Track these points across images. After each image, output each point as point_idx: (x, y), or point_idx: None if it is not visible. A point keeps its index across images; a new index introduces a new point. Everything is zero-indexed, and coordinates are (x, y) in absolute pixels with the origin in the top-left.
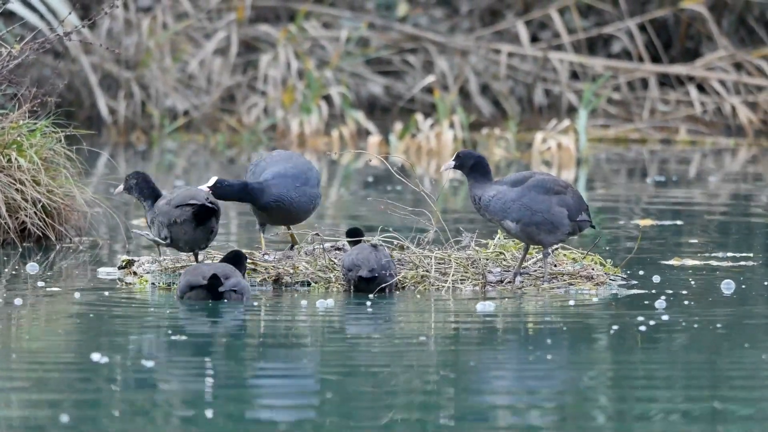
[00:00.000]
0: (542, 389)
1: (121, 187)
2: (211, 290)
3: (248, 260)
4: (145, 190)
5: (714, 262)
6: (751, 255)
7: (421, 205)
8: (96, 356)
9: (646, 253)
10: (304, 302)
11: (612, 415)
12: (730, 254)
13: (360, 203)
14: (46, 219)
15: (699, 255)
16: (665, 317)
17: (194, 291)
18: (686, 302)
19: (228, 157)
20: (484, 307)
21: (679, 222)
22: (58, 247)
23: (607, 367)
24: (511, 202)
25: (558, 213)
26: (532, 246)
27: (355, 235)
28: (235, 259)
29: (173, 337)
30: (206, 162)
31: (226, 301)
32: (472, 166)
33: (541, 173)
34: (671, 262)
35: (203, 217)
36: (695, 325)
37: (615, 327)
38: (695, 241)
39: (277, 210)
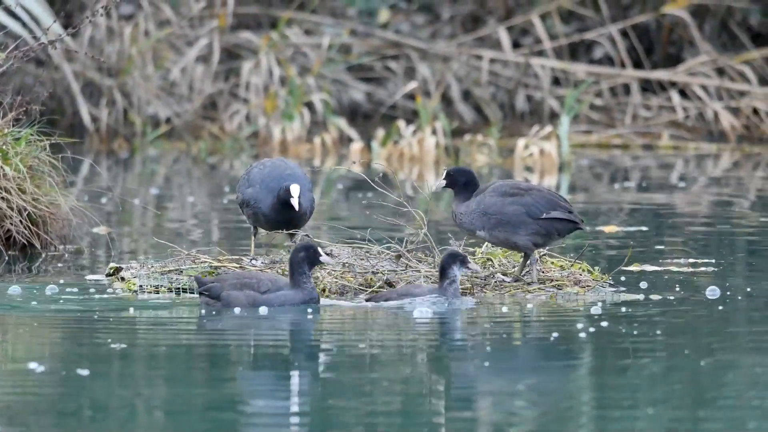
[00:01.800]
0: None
1: None
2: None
3: (237, 266)
4: None
5: (674, 268)
6: (713, 261)
7: (403, 212)
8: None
9: (605, 259)
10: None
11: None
12: (692, 260)
13: (342, 208)
14: (31, 227)
15: (660, 261)
16: (658, 321)
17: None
18: (674, 307)
19: (210, 165)
20: (421, 313)
21: (644, 228)
22: (43, 255)
23: (599, 376)
24: (472, 213)
25: (512, 212)
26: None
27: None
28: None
29: (113, 346)
30: (188, 170)
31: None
32: (464, 183)
33: (505, 181)
34: (631, 268)
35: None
36: (683, 329)
37: (598, 330)
38: (660, 247)
39: (291, 215)
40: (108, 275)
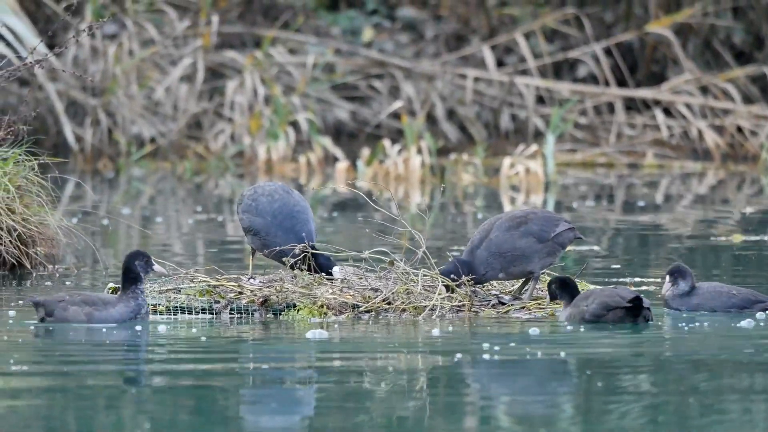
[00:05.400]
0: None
1: None
2: (634, 311)
3: (235, 285)
4: None
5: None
6: (657, 279)
7: (389, 231)
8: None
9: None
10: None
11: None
12: (637, 279)
13: (329, 228)
14: (21, 247)
15: (606, 280)
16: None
17: (612, 312)
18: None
19: (195, 184)
20: (314, 335)
21: (595, 247)
22: (34, 274)
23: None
24: (487, 260)
25: (525, 244)
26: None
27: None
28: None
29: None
30: (173, 189)
31: (646, 321)
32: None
33: (495, 218)
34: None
35: None
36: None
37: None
38: (617, 266)
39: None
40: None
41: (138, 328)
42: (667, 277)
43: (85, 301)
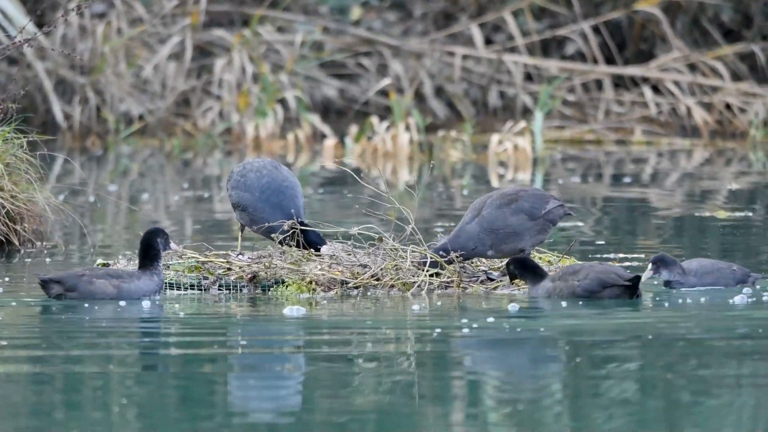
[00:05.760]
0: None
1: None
2: (631, 289)
3: (224, 261)
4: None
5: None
6: (642, 255)
7: (375, 206)
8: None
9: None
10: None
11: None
12: (618, 255)
13: (317, 205)
14: (9, 224)
15: (590, 256)
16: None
17: (609, 289)
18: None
19: (183, 161)
20: (291, 311)
21: (579, 223)
22: (22, 251)
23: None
24: (478, 236)
25: (516, 222)
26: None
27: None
28: None
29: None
30: (161, 166)
31: (637, 297)
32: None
33: (487, 195)
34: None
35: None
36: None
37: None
38: (601, 241)
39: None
40: None
41: (122, 304)
42: (650, 265)
43: (110, 274)
